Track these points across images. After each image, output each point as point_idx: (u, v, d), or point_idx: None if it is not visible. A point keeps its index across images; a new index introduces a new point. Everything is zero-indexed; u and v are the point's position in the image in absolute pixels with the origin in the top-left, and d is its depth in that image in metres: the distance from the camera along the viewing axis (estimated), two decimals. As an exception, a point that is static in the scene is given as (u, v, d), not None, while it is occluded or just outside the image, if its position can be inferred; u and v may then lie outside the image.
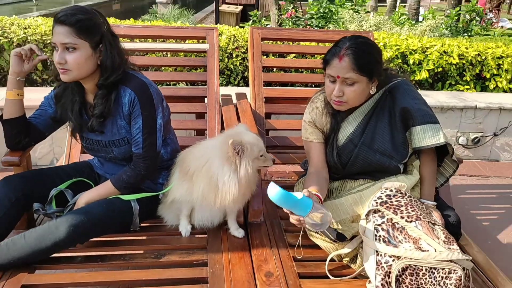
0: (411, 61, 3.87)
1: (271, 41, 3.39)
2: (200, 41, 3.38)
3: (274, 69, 3.55)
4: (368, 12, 7.19)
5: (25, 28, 3.59)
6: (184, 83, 3.49)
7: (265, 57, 2.90)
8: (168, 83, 3.38)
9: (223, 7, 12.71)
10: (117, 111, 1.70)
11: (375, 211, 1.62)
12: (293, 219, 1.53)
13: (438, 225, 1.62)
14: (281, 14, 5.95)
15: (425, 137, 1.76)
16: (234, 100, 2.57)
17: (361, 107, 1.81)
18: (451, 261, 1.48)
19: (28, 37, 3.51)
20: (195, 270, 1.64)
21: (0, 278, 1.54)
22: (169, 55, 3.49)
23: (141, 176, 1.76)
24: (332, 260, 1.70)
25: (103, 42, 1.64)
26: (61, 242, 1.55)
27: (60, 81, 1.67)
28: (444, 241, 1.54)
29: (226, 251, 1.73)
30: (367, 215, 1.64)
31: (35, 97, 2.13)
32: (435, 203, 1.80)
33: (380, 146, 1.80)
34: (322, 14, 5.74)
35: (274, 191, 1.43)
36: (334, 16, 5.87)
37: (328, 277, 1.64)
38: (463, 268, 1.49)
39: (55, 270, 1.64)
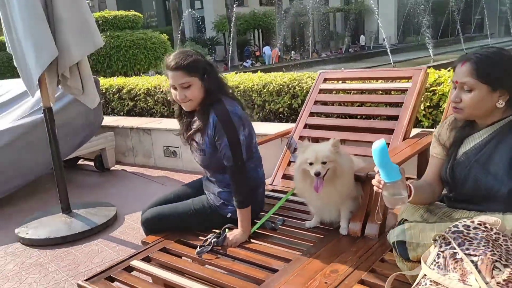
0: None
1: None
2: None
3: None
4: None
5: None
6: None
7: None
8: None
9: None
10: (206, 128, 2.14)
11: (444, 238, 1.53)
12: (375, 180, 1.64)
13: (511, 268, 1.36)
14: None
15: None
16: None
17: (491, 126, 1.70)
18: (492, 303, 1.27)
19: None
20: (289, 254, 2.00)
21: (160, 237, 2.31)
22: (366, 93, 3.57)
23: (242, 180, 2.14)
24: (408, 283, 1.68)
25: (205, 73, 2.09)
26: None
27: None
28: (498, 283, 1.32)
29: (323, 249, 1.99)
30: (435, 240, 1.56)
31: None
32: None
33: (494, 167, 1.64)
34: None
35: (378, 143, 1.59)
36: None
37: (385, 290, 1.65)
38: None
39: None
